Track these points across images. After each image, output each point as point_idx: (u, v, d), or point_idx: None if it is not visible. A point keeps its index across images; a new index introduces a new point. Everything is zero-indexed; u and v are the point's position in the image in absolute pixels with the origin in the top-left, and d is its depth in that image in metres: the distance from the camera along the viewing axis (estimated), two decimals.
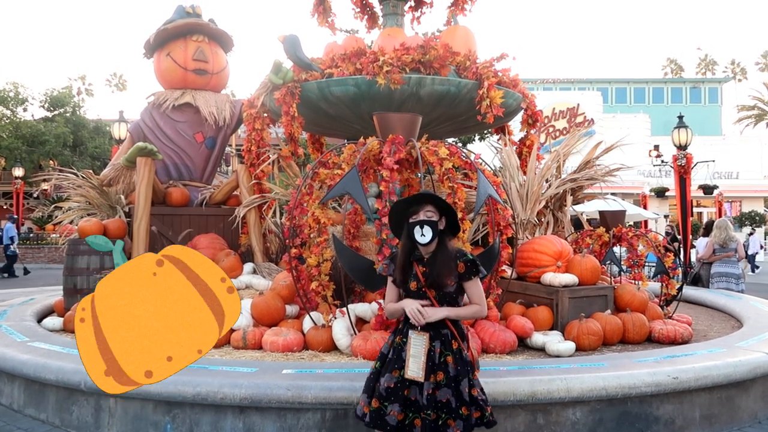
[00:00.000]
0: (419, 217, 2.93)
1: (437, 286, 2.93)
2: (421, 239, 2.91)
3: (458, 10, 7.93)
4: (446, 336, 2.94)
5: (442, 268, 2.92)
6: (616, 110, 37.01)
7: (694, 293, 7.83)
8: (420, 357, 2.86)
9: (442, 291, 2.95)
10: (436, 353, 2.89)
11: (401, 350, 2.93)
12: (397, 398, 2.86)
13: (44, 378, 4.10)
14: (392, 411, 2.85)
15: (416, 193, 3.13)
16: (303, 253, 5.01)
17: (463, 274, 2.96)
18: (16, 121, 28.82)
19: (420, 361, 2.85)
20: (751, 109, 38.92)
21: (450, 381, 2.87)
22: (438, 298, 2.95)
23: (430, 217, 2.93)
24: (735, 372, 4.02)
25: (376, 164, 5.16)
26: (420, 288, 2.95)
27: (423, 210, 2.94)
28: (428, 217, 2.93)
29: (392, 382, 2.89)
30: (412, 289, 2.98)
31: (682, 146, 13.32)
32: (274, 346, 4.75)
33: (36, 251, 22.87)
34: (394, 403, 2.86)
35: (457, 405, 2.85)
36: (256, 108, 6.85)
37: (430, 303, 2.93)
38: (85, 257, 6.16)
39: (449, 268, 2.93)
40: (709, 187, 23.11)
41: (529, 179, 6.34)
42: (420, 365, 2.85)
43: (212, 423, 3.66)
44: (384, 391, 2.89)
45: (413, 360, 2.87)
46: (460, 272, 2.96)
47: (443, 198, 3.18)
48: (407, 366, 2.87)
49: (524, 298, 5.49)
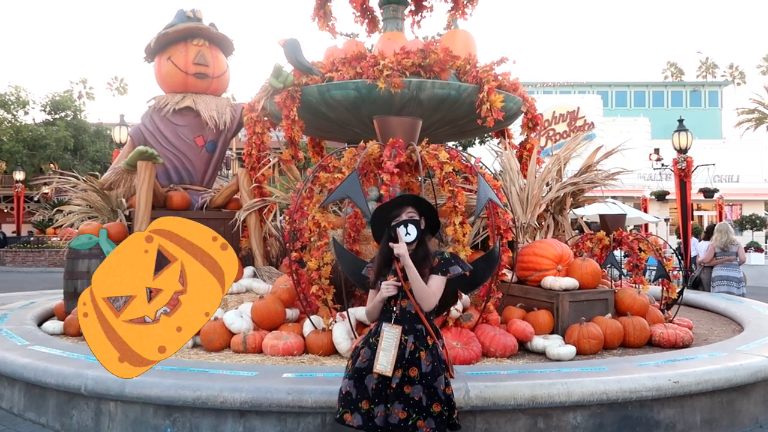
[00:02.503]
0: (402, 217, 3.04)
1: None
2: (407, 237, 2.99)
3: (458, 14, 7.94)
4: (420, 331, 2.97)
5: (420, 263, 3.01)
6: (617, 114, 37.06)
7: (694, 297, 7.82)
8: (390, 350, 2.88)
9: None
10: (407, 348, 2.91)
11: (376, 348, 2.96)
12: (380, 399, 2.89)
13: (44, 382, 4.09)
14: (380, 413, 2.87)
15: (396, 197, 3.26)
16: (303, 256, 5.00)
17: (434, 268, 3.05)
18: (17, 125, 28.89)
19: (390, 354, 2.88)
20: (752, 112, 38.93)
21: (423, 377, 2.88)
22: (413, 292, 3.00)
23: (412, 217, 3.06)
24: (736, 376, 4.01)
25: (377, 168, 5.16)
26: (396, 281, 3.02)
27: (404, 211, 3.07)
28: (410, 216, 3.05)
29: (374, 383, 2.91)
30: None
31: (683, 150, 13.34)
32: (275, 350, 4.75)
33: (37, 255, 22.86)
34: (379, 404, 2.89)
35: (428, 403, 2.86)
36: (257, 112, 6.85)
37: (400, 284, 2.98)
38: (85, 261, 6.16)
39: (426, 259, 3.04)
40: (710, 191, 23.11)
41: (529, 183, 6.34)
42: (389, 359, 2.87)
43: (213, 427, 3.65)
44: (370, 392, 2.92)
45: (383, 353, 2.89)
46: (432, 266, 3.06)
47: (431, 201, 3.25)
48: (377, 359, 2.90)
49: (525, 302, 5.48)
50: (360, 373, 2.97)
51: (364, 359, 2.98)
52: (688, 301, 7.40)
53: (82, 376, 3.91)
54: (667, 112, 39.28)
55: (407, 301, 2.98)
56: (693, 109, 40.37)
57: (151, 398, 3.68)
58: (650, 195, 26.81)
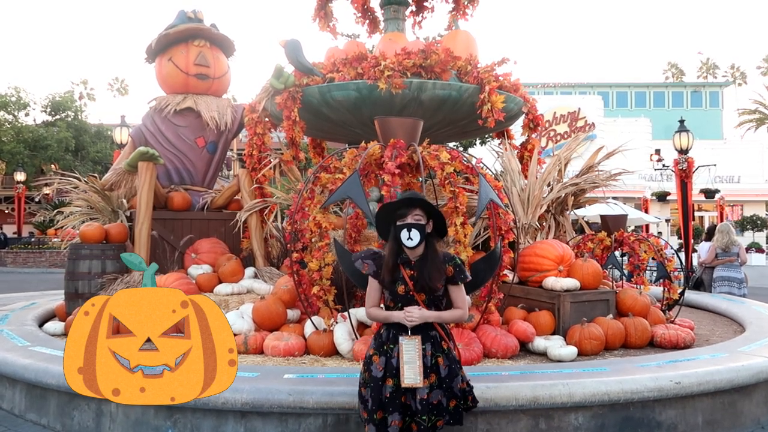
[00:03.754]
0: (407, 220, 2.91)
1: (427, 290, 2.92)
2: (408, 242, 2.89)
3: (459, 15, 7.94)
4: (435, 338, 2.94)
5: (432, 271, 2.91)
6: (617, 114, 37.05)
7: (696, 298, 7.80)
8: (415, 362, 2.83)
9: (432, 295, 2.95)
10: (427, 356, 2.89)
11: (391, 357, 2.91)
12: (395, 407, 2.86)
13: (45, 383, 4.10)
14: (393, 421, 2.85)
15: (404, 197, 3.08)
16: (304, 257, 5.00)
17: (451, 278, 2.97)
18: (17, 126, 28.89)
19: (415, 366, 2.83)
20: (753, 113, 38.92)
21: (441, 382, 2.88)
22: (427, 302, 2.94)
23: (418, 221, 2.92)
24: (737, 377, 4.01)
25: (378, 169, 5.16)
26: (408, 292, 2.93)
27: (411, 213, 2.92)
28: (416, 220, 2.92)
29: (388, 391, 2.87)
30: (399, 293, 2.95)
31: (684, 150, 13.34)
32: (276, 351, 4.75)
33: (37, 255, 22.86)
34: (393, 413, 2.85)
35: (447, 403, 2.89)
36: (258, 112, 6.85)
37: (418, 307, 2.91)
38: (86, 262, 6.16)
39: (439, 271, 2.93)
40: (711, 191, 23.07)
41: (530, 183, 6.34)
42: (416, 371, 2.82)
43: (214, 428, 3.65)
44: (385, 401, 2.88)
45: (408, 367, 2.83)
46: (448, 276, 2.97)
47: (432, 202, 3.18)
48: (402, 374, 2.83)
49: (526, 303, 5.48)
50: (376, 382, 2.91)
51: (381, 368, 2.92)
52: (690, 302, 7.39)
53: None
54: (668, 113, 39.25)
55: None
56: (694, 109, 40.34)
57: None
58: (651, 196, 26.78)
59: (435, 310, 2.96)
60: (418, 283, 2.92)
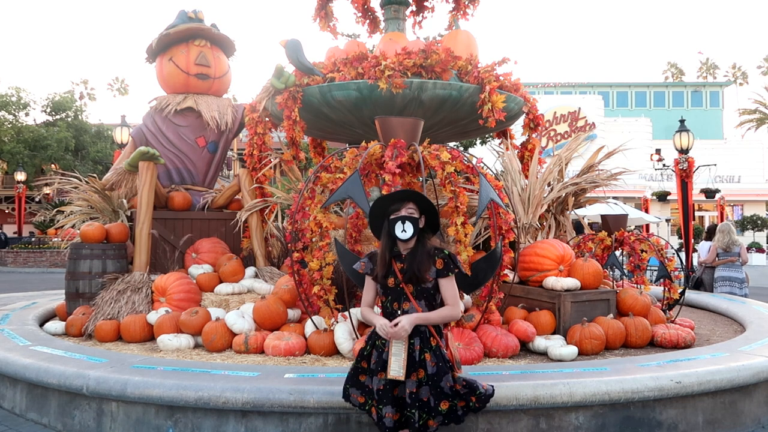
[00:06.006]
0: (400, 213, 2.97)
1: (415, 281, 2.95)
2: (402, 235, 2.93)
3: (460, 15, 7.94)
4: (424, 333, 2.96)
5: (420, 263, 2.94)
6: (618, 114, 37.07)
7: (696, 297, 7.81)
8: (401, 355, 2.88)
9: (420, 286, 2.96)
10: (415, 350, 2.91)
11: (383, 351, 2.96)
12: (388, 400, 2.90)
13: (46, 382, 4.10)
14: (387, 413, 2.88)
15: (398, 191, 3.14)
16: (305, 257, 5.00)
17: (441, 270, 2.98)
18: (18, 126, 28.92)
19: (400, 359, 2.87)
20: (753, 112, 38.88)
21: (429, 379, 2.89)
22: (415, 294, 2.97)
23: (411, 214, 2.97)
24: (738, 376, 4.01)
25: (378, 168, 5.15)
26: (398, 284, 2.97)
27: (404, 207, 2.98)
28: (409, 213, 2.97)
29: (380, 384, 2.92)
30: (389, 285, 3.00)
31: (684, 150, 13.34)
32: (276, 351, 4.75)
33: (38, 255, 22.87)
34: (387, 405, 2.89)
35: (436, 403, 2.89)
36: (258, 112, 6.85)
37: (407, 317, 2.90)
38: (87, 261, 6.16)
39: (427, 263, 2.96)
40: (711, 191, 23.07)
41: (530, 183, 6.34)
42: (401, 364, 2.87)
43: (214, 427, 3.65)
44: (377, 394, 2.93)
45: (395, 359, 2.89)
46: (438, 268, 2.98)
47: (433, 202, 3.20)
48: (389, 366, 2.89)
49: (526, 303, 5.48)
50: (372, 374, 2.98)
51: (373, 361, 2.99)
52: (690, 302, 7.39)
53: (83, 376, 3.91)
54: (668, 113, 39.27)
55: (409, 304, 2.96)
56: (694, 109, 40.35)
57: (152, 399, 3.68)
58: (651, 195, 26.77)
59: (426, 304, 2.98)
60: (406, 274, 2.95)
